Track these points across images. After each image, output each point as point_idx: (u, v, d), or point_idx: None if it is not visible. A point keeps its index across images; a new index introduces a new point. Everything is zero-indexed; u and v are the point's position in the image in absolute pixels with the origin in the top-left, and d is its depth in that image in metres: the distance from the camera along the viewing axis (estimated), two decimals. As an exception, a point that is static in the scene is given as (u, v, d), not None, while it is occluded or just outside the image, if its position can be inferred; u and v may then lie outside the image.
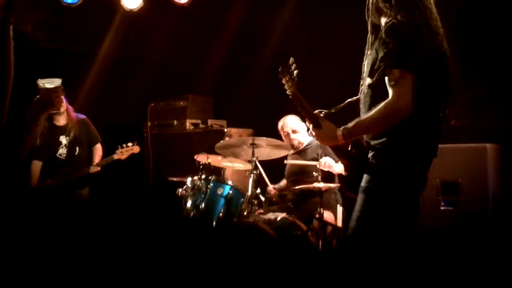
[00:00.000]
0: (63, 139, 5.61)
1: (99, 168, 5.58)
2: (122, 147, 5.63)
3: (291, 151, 5.69)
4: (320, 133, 2.98)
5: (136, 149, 5.70)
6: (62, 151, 5.61)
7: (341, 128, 2.86)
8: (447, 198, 4.24)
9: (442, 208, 4.21)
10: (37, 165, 5.65)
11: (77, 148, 5.66)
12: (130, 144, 5.66)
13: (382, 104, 2.71)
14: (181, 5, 6.32)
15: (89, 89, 7.02)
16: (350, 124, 2.84)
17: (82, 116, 5.79)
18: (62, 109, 5.57)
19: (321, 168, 5.08)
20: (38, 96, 2.82)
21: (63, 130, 5.62)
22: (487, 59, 5.10)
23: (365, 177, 2.86)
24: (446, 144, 4.27)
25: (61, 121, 5.64)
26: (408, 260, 2.91)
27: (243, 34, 6.82)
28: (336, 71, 5.53)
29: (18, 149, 2.61)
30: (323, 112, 5.23)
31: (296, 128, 5.61)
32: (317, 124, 2.99)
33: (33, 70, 6.05)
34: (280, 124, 5.69)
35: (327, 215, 5.11)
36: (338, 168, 5.06)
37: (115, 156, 5.60)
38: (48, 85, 2.79)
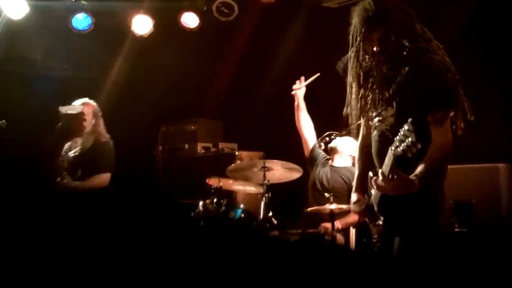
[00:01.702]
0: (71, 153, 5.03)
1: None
2: None
3: (323, 158, 5.50)
4: (396, 184, 2.88)
5: None
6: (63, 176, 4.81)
7: (414, 177, 2.85)
8: (460, 219, 4.22)
9: (456, 229, 4.19)
10: None
11: (80, 171, 5.00)
12: None
13: (442, 144, 2.91)
14: (190, 30, 6.36)
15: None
16: (421, 171, 2.85)
17: (104, 140, 5.21)
18: (87, 127, 4.74)
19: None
20: (60, 124, 2.82)
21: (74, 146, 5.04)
22: (497, 76, 5.09)
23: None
24: (458, 165, 4.27)
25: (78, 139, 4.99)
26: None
27: (251, 56, 6.85)
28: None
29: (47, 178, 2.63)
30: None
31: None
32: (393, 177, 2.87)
33: (43, 97, 6.14)
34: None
35: (340, 237, 5.09)
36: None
37: None
38: (70, 112, 2.78)
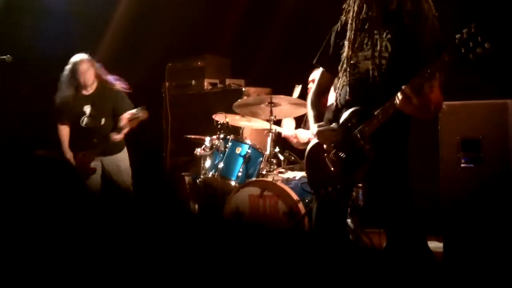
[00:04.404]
0: (87, 109, 5.47)
1: (119, 136, 5.40)
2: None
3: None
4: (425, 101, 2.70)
5: (143, 115, 5.36)
6: (87, 120, 5.47)
7: None
8: (468, 155, 4.20)
9: (462, 165, 4.18)
10: (63, 129, 5.59)
11: (103, 120, 5.49)
12: (134, 110, 5.36)
13: None
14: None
15: (106, 51, 7.00)
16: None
17: (117, 86, 5.59)
18: (90, 81, 5.45)
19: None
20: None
21: (87, 99, 5.49)
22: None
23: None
24: (466, 101, 4.23)
25: (89, 90, 5.52)
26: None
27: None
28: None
29: None
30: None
31: None
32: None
33: (50, 34, 6.14)
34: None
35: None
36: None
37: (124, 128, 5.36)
38: None
